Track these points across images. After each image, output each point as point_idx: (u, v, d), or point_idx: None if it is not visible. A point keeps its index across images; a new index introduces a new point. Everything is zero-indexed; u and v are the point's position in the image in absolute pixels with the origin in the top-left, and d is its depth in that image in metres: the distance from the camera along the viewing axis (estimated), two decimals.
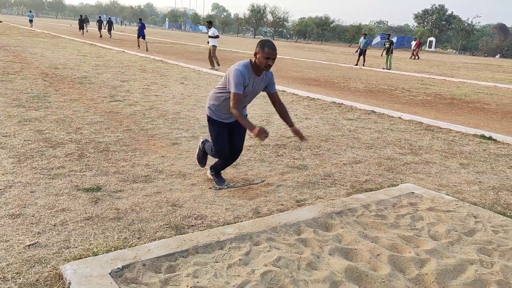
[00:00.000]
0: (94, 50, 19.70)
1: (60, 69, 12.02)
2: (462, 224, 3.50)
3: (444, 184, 4.57)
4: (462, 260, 2.92)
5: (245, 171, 4.53)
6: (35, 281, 2.38)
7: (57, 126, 5.82)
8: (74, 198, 3.54)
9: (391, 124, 7.68)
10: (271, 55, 3.47)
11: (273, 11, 79.34)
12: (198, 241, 2.88)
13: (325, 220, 3.41)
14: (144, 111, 7.20)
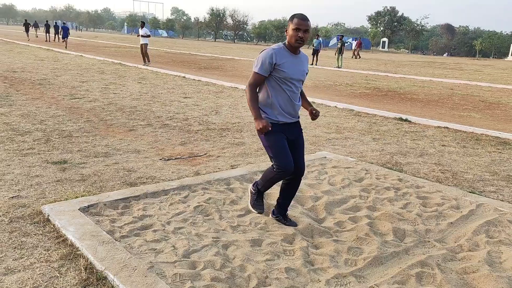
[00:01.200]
0: (51, 55, 19.94)
1: (19, 72, 12.44)
2: (355, 174, 4.55)
3: (353, 151, 5.64)
4: (347, 196, 3.94)
5: (191, 148, 5.42)
6: (21, 216, 3.18)
7: (22, 119, 6.49)
8: (44, 168, 4.31)
9: (326, 112, 8.78)
10: (301, 26, 2.97)
11: (232, 15, 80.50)
12: (147, 190, 3.75)
13: (251, 176, 4.36)
14: (103, 106, 7.93)
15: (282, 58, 3.03)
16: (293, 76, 3.07)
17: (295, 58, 3.10)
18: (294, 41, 3.01)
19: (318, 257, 2.85)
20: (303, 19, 3.00)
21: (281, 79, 3.03)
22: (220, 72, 17.12)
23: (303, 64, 3.17)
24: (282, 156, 3.05)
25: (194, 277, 2.47)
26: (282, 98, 3.07)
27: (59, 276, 2.46)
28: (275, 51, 3.03)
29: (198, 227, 3.13)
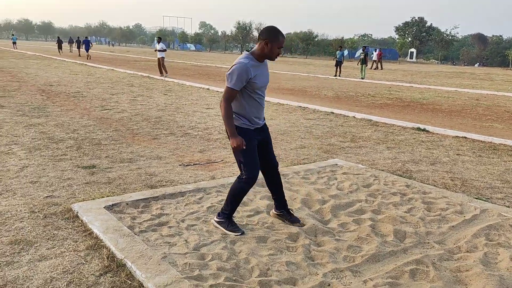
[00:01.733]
0: (84, 69, 20.94)
1: (55, 86, 13.21)
2: (363, 180, 4.75)
3: (365, 159, 5.83)
4: (353, 200, 4.15)
5: (209, 155, 5.75)
6: (54, 212, 3.56)
7: (57, 128, 7.00)
8: (75, 172, 4.72)
9: (344, 121, 8.97)
10: (283, 43, 3.25)
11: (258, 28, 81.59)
12: (166, 191, 4.08)
13: (262, 181, 4.61)
14: (130, 117, 8.41)
15: (255, 71, 3.19)
16: (263, 85, 3.28)
17: (262, 67, 3.29)
18: (275, 57, 3.24)
19: (318, 254, 3.08)
20: (284, 38, 3.24)
21: (253, 90, 3.22)
22: None
23: (267, 69, 3.37)
24: (253, 165, 3.27)
25: (202, 267, 2.75)
26: (255, 106, 3.27)
27: (85, 263, 2.79)
28: (249, 65, 3.14)
29: (209, 225, 3.42)
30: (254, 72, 3.17)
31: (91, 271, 2.69)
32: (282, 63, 43.28)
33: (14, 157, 5.20)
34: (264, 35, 3.18)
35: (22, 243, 3.02)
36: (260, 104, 3.32)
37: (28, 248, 2.96)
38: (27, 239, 3.08)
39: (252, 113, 3.28)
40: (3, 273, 2.63)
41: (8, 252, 2.89)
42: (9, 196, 3.90)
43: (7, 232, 3.18)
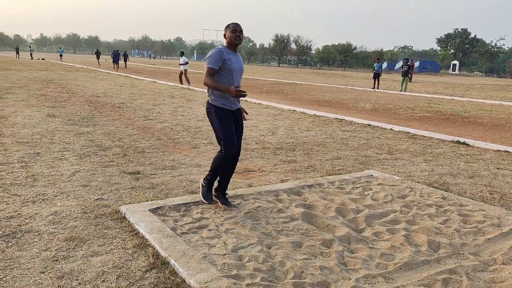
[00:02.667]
0: (128, 81, 21.87)
1: (101, 97, 13.93)
2: (399, 192, 4.78)
3: (401, 171, 5.84)
4: (388, 210, 4.21)
5: (247, 164, 5.95)
6: (104, 213, 3.86)
7: (104, 137, 7.44)
8: (122, 177, 5.04)
9: (381, 134, 8.95)
10: (237, 28, 3.89)
11: (296, 40, 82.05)
12: None
13: (298, 190, 4.76)
14: (171, 127, 8.78)
15: (228, 55, 3.88)
16: (236, 68, 3.92)
17: (235, 55, 3.97)
18: (234, 40, 3.89)
19: (351, 260, 3.17)
20: (236, 24, 3.94)
21: (229, 71, 3.86)
22: (281, 96, 17.75)
23: (240, 59, 4.08)
24: (230, 142, 3.93)
25: (239, 267, 2.92)
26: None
27: (132, 260, 3.02)
28: (223, 49, 3.87)
29: (247, 229, 3.59)
30: (227, 56, 3.87)
31: (138, 267, 2.92)
32: (319, 75, 43.29)
33: (67, 162, 5.60)
34: (224, 31, 3.98)
35: (76, 240, 3.31)
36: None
37: (82, 244, 3.24)
38: (81, 237, 3.37)
39: (230, 96, 3.88)
40: (60, 266, 2.91)
41: (64, 247, 3.18)
42: (63, 198, 4.24)
43: (63, 230, 3.48)
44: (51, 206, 4.01)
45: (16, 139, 6.93)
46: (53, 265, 2.91)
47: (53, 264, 2.93)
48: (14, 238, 3.30)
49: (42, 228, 3.49)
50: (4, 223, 3.56)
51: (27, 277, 2.75)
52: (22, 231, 3.42)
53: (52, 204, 4.05)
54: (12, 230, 3.43)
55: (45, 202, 4.11)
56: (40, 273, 2.80)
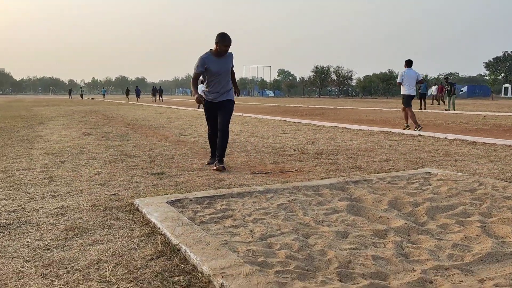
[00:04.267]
0: (169, 110, 22.08)
1: (140, 121, 13.91)
2: (465, 186, 3.97)
3: (464, 170, 4.99)
4: (454, 203, 3.42)
5: (283, 166, 5.33)
6: (115, 206, 3.35)
7: (134, 148, 7.11)
8: (144, 177, 4.57)
9: (434, 141, 8.06)
10: (227, 45, 4.85)
11: (336, 71, 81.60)
12: (233, 191, 3.72)
13: (342, 185, 4.07)
14: (205, 140, 8.34)
15: (209, 61, 4.93)
16: (220, 72, 4.98)
17: (219, 59, 4.97)
18: (223, 52, 4.91)
19: (414, 251, 2.45)
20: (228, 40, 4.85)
21: (211, 75, 4.98)
22: (321, 117, 17.10)
23: (226, 64, 5.03)
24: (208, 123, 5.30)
25: (268, 255, 2.28)
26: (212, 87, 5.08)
27: (137, 248, 2.47)
28: (205, 57, 4.94)
29: (279, 219, 2.95)
30: (208, 63, 4.92)
31: (142, 255, 2.35)
32: (361, 102, 42.29)
33: (90, 168, 5.23)
34: (216, 39, 4.87)
35: (77, 230, 2.80)
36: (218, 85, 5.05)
37: (82, 234, 2.73)
38: (83, 227, 2.86)
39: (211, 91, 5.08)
40: (51, 254, 2.40)
41: (61, 237, 2.68)
42: (76, 194, 3.80)
43: (65, 221, 3.00)
44: (60, 201, 3.57)
45: (45, 151, 6.72)
46: (42, 254, 2.40)
47: (43, 253, 2.42)
48: (8, 229, 2.85)
49: (43, 220, 3.03)
50: (3, 216, 3.13)
51: (8, 266, 2.25)
52: (19, 223, 2.97)
53: (61, 200, 3.61)
54: (9, 222, 2.99)
55: (55, 198, 3.68)
56: (24, 262, 2.30)
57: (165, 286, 1.98)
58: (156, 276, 2.09)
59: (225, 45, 4.82)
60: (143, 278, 2.07)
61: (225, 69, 5.00)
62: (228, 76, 5.07)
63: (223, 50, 4.85)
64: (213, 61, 4.91)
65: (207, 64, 4.88)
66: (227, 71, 5.02)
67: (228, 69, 5.04)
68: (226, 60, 5.01)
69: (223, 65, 4.97)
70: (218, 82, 4.99)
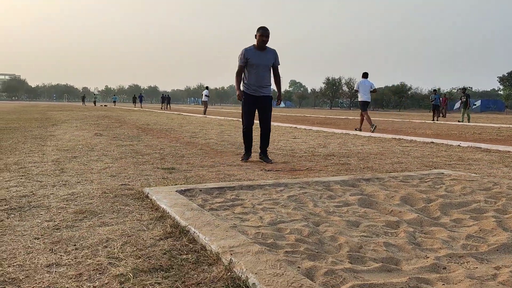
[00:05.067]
0: (180, 116, 22.21)
1: (151, 125, 14.00)
2: (480, 185, 3.89)
3: (479, 172, 4.90)
4: (468, 200, 3.35)
5: (293, 165, 5.30)
6: (125, 194, 3.35)
7: (146, 147, 7.14)
8: (155, 171, 4.58)
9: (447, 148, 7.95)
10: (264, 33, 5.15)
11: (348, 83, 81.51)
12: (243, 184, 3.69)
13: (354, 182, 4.02)
14: (217, 142, 8.36)
15: (250, 53, 5.23)
16: (259, 64, 5.23)
17: (260, 53, 5.26)
18: (260, 42, 5.20)
19: (427, 240, 2.39)
20: (265, 30, 5.19)
21: (251, 66, 5.24)
22: (332, 126, 17.04)
23: (266, 57, 5.28)
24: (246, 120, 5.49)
25: (277, 237, 2.25)
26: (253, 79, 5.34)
27: (146, 230, 2.45)
28: (246, 50, 5.26)
29: (289, 209, 2.92)
30: (249, 55, 5.21)
31: (151, 236, 2.34)
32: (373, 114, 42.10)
33: (101, 162, 5.26)
34: (256, 32, 5.22)
35: (87, 213, 2.80)
36: (257, 78, 5.29)
37: (92, 217, 2.73)
38: (93, 210, 2.86)
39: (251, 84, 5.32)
40: (60, 233, 2.39)
41: (70, 219, 2.68)
42: (86, 184, 3.82)
43: (75, 206, 3.00)
44: (70, 189, 3.58)
45: (58, 148, 6.79)
46: (51, 233, 2.40)
47: (52, 231, 2.42)
48: (19, 211, 2.86)
49: (53, 204, 3.04)
50: (14, 200, 3.15)
51: (17, 242, 2.26)
52: (30, 206, 2.99)
53: (71, 188, 3.63)
54: (20, 205, 3.01)
55: (66, 186, 3.70)
56: (34, 239, 2.30)
57: (173, 263, 1.96)
58: (165, 254, 2.07)
59: (261, 35, 5.09)
60: (152, 255, 2.06)
61: (265, 62, 5.24)
62: (268, 71, 5.30)
63: (260, 41, 5.13)
64: (254, 53, 5.20)
65: (248, 56, 5.17)
66: (266, 65, 5.26)
67: (268, 64, 5.28)
68: (267, 54, 5.26)
69: (263, 58, 5.22)
70: (257, 75, 5.22)
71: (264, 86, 5.30)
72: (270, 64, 5.30)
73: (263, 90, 5.32)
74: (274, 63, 5.35)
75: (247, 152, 5.62)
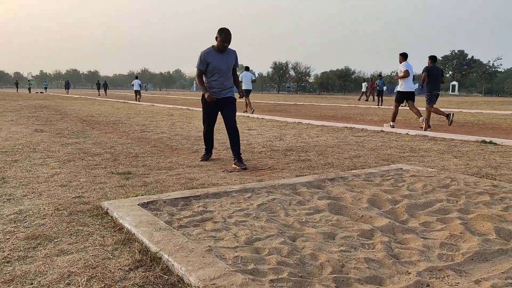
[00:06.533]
0: (126, 105, 21.33)
1: (96, 116, 13.29)
2: (439, 182, 4.01)
3: (433, 165, 5.07)
4: (432, 200, 3.43)
5: (254, 164, 5.19)
6: (81, 210, 3.08)
7: (94, 146, 6.71)
8: (109, 177, 4.28)
9: (398, 137, 8.22)
10: (225, 40, 4.83)
11: (295, 67, 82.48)
12: (208, 191, 3.53)
13: (319, 183, 3.99)
14: (170, 137, 8.06)
15: (210, 56, 4.92)
16: (221, 67, 4.95)
17: (220, 55, 4.96)
18: (222, 46, 4.88)
19: (404, 251, 2.39)
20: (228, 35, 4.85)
21: (212, 70, 4.94)
22: (283, 113, 17.14)
23: (228, 59, 5.00)
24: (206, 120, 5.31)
25: (258, 261, 2.13)
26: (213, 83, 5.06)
27: (112, 258, 2.24)
28: (206, 53, 4.93)
29: (262, 221, 2.81)
30: (210, 58, 4.91)
31: (119, 266, 2.14)
32: (320, 98, 42.97)
33: (47, 167, 4.85)
34: (216, 34, 4.87)
35: (40, 238, 2.53)
36: (219, 81, 5.02)
37: (47, 243, 2.46)
38: (47, 234, 2.59)
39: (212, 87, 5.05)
40: (12, 268, 2.13)
41: (22, 247, 2.40)
42: (34, 197, 3.48)
43: (25, 228, 2.70)
44: (17, 205, 3.24)
45: None
46: (1, 268, 2.13)
47: (2, 266, 2.15)
48: None
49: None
50: None
51: None
52: None
53: (18, 204, 3.28)
54: None
55: (10, 202, 3.34)
56: None
57: None
58: None
59: (223, 40, 4.81)
60: None
61: (227, 65, 5.00)
62: (229, 72, 5.07)
63: (222, 46, 4.85)
64: (214, 56, 4.91)
65: (208, 59, 4.89)
66: (228, 67, 5.03)
67: (230, 66, 5.04)
68: (228, 56, 5.00)
69: (224, 61, 4.97)
70: (220, 78, 4.98)
71: (226, 88, 5.07)
72: (231, 66, 5.08)
73: (225, 93, 5.08)
74: (234, 65, 5.13)
75: (208, 153, 5.46)
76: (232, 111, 5.10)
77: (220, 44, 4.83)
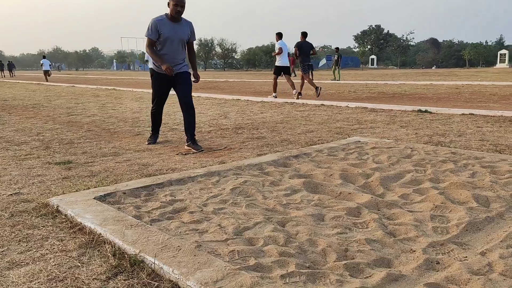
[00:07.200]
0: (42, 87, 19.52)
1: (10, 100, 11.92)
2: (400, 152, 4.03)
3: (386, 136, 5.13)
4: (401, 171, 3.40)
5: (208, 144, 4.88)
6: (24, 210, 2.60)
7: (17, 133, 5.93)
8: (47, 169, 3.74)
9: (339, 110, 8.31)
10: (178, 2, 4.26)
11: (221, 43, 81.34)
12: (171, 177, 3.19)
13: (284, 161, 3.81)
14: (103, 119, 7.40)
15: (163, 26, 4.34)
16: (173, 38, 4.39)
17: (174, 25, 4.40)
18: (174, 13, 4.30)
19: (399, 227, 2.29)
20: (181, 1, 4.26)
21: (165, 40, 4.38)
22: (217, 90, 16.75)
23: (182, 31, 4.45)
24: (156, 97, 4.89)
25: (257, 254, 1.89)
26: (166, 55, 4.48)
27: (81, 266, 1.87)
28: (158, 21, 4.35)
29: (242, 207, 2.56)
30: (161, 27, 4.33)
31: (93, 275, 1.78)
32: (249, 75, 42.91)
33: None
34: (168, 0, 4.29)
35: None
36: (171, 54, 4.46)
37: None
38: None
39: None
40: None
41: None
42: None
43: None
44: None
45: None
46: None
47: None
48: None
49: None
50: None
51: None
52: None
53: None
54: None
55: None
56: None
57: None
58: None
59: (176, 4, 4.23)
60: None
61: (180, 36, 4.44)
62: (183, 45, 4.52)
63: (175, 11, 4.28)
64: (167, 25, 4.36)
65: (160, 28, 4.32)
66: (181, 39, 4.47)
67: (183, 37, 4.49)
68: (183, 27, 4.46)
69: (178, 31, 4.42)
70: (171, 51, 4.44)
71: (178, 62, 4.52)
72: (185, 39, 4.50)
73: (178, 67, 4.52)
74: (190, 38, 4.58)
75: (155, 134, 5.00)
76: (187, 86, 4.57)
77: (173, 9, 4.26)
